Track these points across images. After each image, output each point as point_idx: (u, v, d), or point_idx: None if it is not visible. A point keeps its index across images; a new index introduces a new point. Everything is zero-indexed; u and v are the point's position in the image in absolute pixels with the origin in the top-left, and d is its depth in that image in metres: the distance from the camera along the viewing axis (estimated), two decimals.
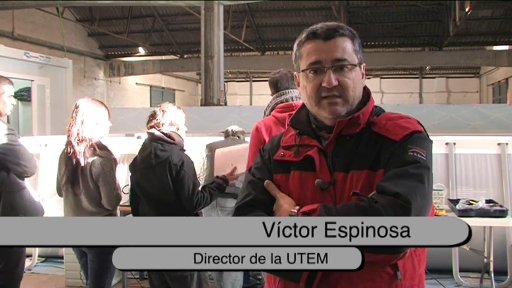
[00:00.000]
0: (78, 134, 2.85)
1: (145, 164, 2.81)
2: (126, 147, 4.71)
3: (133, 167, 2.93)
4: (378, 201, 1.12)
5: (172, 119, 2.88)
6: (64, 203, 3.06)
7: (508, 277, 4.27)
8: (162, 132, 2.82)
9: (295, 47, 1.35)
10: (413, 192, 1.12)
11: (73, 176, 2.90)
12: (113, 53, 17.24)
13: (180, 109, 2.97)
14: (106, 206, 2.90)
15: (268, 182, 1.32)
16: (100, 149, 2.88)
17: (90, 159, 2.85)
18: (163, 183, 2.75)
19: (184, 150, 2.91)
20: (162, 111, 2.87)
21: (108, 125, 3.01)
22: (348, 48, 1.28)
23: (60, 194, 3.12)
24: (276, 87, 2.65)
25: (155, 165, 2.77)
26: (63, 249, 4.58)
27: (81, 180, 2.89)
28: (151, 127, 2.86)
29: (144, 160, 2.82)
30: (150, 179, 2.80)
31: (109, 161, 2.88)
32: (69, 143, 2.89)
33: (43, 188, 4.95)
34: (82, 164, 2.85)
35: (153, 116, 2.89)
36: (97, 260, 2.95)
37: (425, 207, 1.15)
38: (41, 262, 5.20)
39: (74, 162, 2.87)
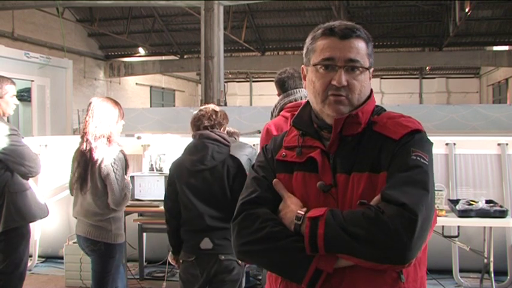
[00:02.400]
0: (95, 130, 2.87)
1: (200, 165, 2.67)
2: (126, 147, 4.70)
3: (178, 169, 2.76)
4: (385, 212, 1.12)
5: (224, 122, 2.82)
6: (73, 202, 3.05)
7: (508, 277, 4.27)
8: (217, 134, 2.72)
9: (308, 40, 1.35)
10: (420, 203, 1.13)
11: (85, 173, 2.91)
12: (113, 53, 17.24)
13: (223, 110, 2.91)
14: (112, 205, 2.88)
15: (276, 181, 1.32)
16: (113, 147, 2.90)
17: (101, 157, 2.86)
18: (219, 186, 2.65)
19: None
20: (215, 111, 2.79)
21: (122, 124, 3.03)
22: (362, 50, 1.29)
23: (72, 193, 3.12)
24: (283, 87, 2.62)
25: (211, 168, 2.66)
26: (63, 249, 4.58)
27: (90, 178, 2.90)
28: (204, 128, 2.73)
29: (200, 161, 2.67)
30: (205, 182, 2.67)
31: (119, 160, 2.88)
32: (85, 140, 2.90)
33: (43, 188, 4.95)
34: (95, 159, 2.85)
35: (205, 116, 2.76)
36: (99, 261, 2.95)
37: (430, 217, 1.16)
38: (41, 262, 5.21)
39: (88, 159, 2.88)
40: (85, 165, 2.90)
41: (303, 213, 1.20)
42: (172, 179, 2.78)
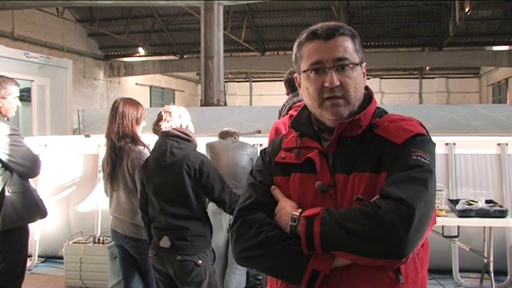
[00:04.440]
0: (118, 130, 2.94)
1: (160, 162, 2.69)
2: None
3: (144, 167, 2.81)
4: (382, 207, 1.11)
5: (182, 120, 2.84)
6: (109, 201, 3.14)
7: (508, 277, 4.27)
8: (178, 130, 2.75)
9: (295, 48, 1.34)
10: (417, 198, 1.11)
11: (113, 171, 2.98)
12: (112, 53, 17.24)
13: (182, 107, 2.94)
14: None
15: (274, 187, 1.32)
16: (138, 144, 2.97)
17: (127, 155, 2.92)
18: (179, 183, 2.64)
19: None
20: (168, 113, 2.82)
21: (143, 125, 3.08)
22: (348, 47, 1.28)
23: (106, 194, 3.20)
24: (293, 87, 2.63)
25: (170, 164, 2.66)
26: (63, 249, 4.58)
27: (120, 175, 2.96)
28: (166, 127, 2.77)
29: (158, 158, 2.70)
30: (165, 179, 2.68)
31: (145, 156, 2.93)
32: (109, 140, 2.97)
33: (43, 188, 4.95)
34: (121, 157, 2.91)
35: (161, 119, 2.80)
36: (144, 257, 3.02)
37: (429, 212, 1.14)
38: (41, 262, 5.20)
39: (114, 158, 2.95)
40: (112, 164, 2.97)
41: (298, 214, 1.19)
42: (141, 177, 2.83)
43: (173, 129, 2.75)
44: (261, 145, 4.81)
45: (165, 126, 2.77)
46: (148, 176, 2.76)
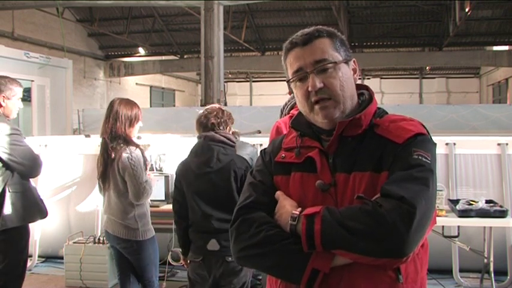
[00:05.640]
0: (111, 131, 2.94)
1: (205, 168, 2.65)
2: None
3: (185, 171, 2.74)
4: (383, 205, 1.11)
5: (229, 122, 2.81)
6: (102, 200, 3.15)
7: (508, 277, 4.27)
8: (222, 135, 2.71)
9: (282, 60, 1.38)
10: (419, 197, 1.12)
11: (105, 171, 2.99)
12: (113, 53, 17.23)
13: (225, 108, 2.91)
14: (131, 200, 2.94)
15: (278, 193, 1.32)
16: (130, 145, 2.96)
17: (118, 155, 2.92)
18: (226, 188, 2.61)
19: None
20: (221, 110, 2.78)
21: (139, 125, 3.08)
22: (326, 48, 1.28)
23: (101, 194, 3.21)
24: None
25: (217, 170, 2.63)
26: (63, 249, 4.58)
27: (111, 175, 2.97)
28: (212, 124, 2.73)
29: (204, 164, 2.66)
30: (210, 184, 2.64)
31: (136, 157, 2.93)
32: (103, 140, 2.99)
33: (43, 188, 4.95)
34: (113, 157, 2.92)
35: (212, 113, 2.75)
36: (135, 258, 3.04)
37: (430, 211, 1.15)
38: (41, 262, 5.20)
39: (106, 158, 2.96)
40: (104, 164, 2.98)
41: (298, 213, 1.20)
42: (178, 181, 2.77)
43: (215, 133, 2.71)
44: (261, 145, 4.81)
45: (212, 122, 2.72)
46: (189, 181, 2.70)
